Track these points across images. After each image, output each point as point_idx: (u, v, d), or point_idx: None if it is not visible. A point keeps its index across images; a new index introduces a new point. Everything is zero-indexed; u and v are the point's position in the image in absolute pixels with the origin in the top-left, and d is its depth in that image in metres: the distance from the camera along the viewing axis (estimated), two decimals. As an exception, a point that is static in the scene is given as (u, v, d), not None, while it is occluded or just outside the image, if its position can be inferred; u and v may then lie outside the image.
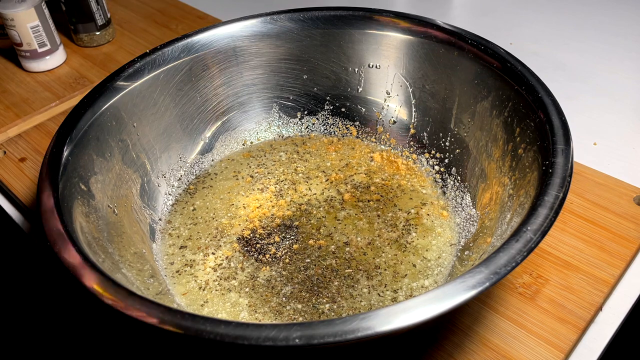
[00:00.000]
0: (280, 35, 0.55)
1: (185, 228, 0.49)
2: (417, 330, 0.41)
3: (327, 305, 0.42)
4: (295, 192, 0.52)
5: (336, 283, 0.43)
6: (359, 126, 0.58)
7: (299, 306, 0.42)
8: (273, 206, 0.51)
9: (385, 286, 0.43)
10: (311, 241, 0.47)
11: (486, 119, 0.47)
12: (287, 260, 0.45)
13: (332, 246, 0.46)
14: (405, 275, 0.43)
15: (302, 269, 0.45)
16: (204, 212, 0.51)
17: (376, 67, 0.55)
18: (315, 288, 0.43)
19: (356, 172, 0.54)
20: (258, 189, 0.53)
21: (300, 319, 0.41)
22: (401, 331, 0.28)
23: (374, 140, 0.57)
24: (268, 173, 0.54)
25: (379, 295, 0.42)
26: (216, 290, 0.44)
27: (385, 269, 0.44)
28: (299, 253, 0.46)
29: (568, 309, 0.42)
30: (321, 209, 0.50)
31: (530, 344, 0.40)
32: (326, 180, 0.53)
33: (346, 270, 0.44)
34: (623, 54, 0.72)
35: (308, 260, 0.45)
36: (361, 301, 0.42)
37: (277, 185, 0.53)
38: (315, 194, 0.52)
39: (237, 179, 0.54)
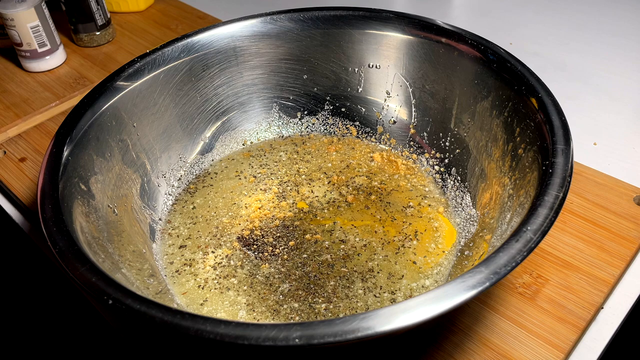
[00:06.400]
0: (280, 35, 0.55)
1: (185, 227, 0.49)
2: (417, 330, 0.41)
3: (323, 305, 0.42)
4: (297, 194, 0.52)
5: (332, 283, 0.43)
6: (359, 126, 0.58)
7: (296, 305, 0.42)
8: (275, 207, 0.51)
9: (380, 288, 0.43)
10: (308, 236, 0.47)
11: (486, 119, 0.47)
12: (285, 257, 0.46)
13: (327, 242, 0.46)
14: (402, 276, 0.43)
15: (299, 265, 0.45)
16: (205, 211, 0.51)
17: (376, 67, 0.55)
18: (312, 286, 0.43)
19: (357, 174, 0.54)
20: (261, 189, 0.53)
21: (297, 318, 0.41)
22: (401, 331, 0.28)
23: (374, 140, 0.57)
24: (271, 174, 0.54)
25: (375, 296, 0.42)
26: (215, 288, 0.44)
27: (378, 272, 0.44)
28: (296, 249, 0.46)
29: (568, 309, 0.42)
30: (324, 210, 0.50)
31: (530, 344, 0.40)
32: (328, 182, 0.53)
33: (342, 269, 0.44)
34: (623, 54, 0.72)
35: (305, 255, 0.46)
36: (357, 302, 0.42)
37: (280, 187, 0.53)
38: (317, 196, 0.52)
39: (240, 178, 0.54)
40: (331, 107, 0.58)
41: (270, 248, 0.47)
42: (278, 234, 0.48)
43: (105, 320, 0.44)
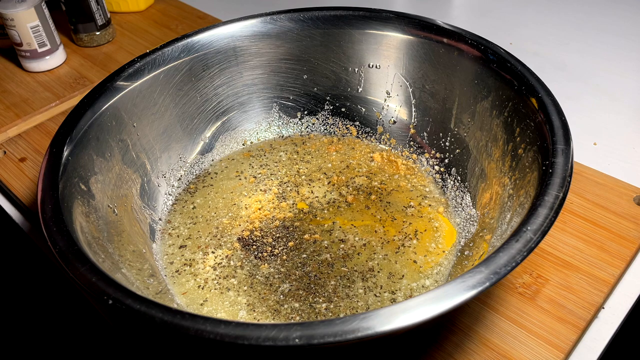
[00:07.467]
0: (280, 35, 0.55)
1: (185, 227, 0.49)
2: (417, 330, 0.41)
3: (323, 305, 0.42)
4: (297, 194, 0.52)
5: (332, 282, 0.43)
6: (359, 126, 0.58)
7: (296, 305, 0.42)
8: (275, 208, 0.51)
9: (380, 287, 0.43)
10: (307, 236, 0.47)
11: (486, 119, 0.47)
12: (284, 257, 0.46)
13: (326, 241, 0.46)
14: (403, 276, 0.43)
15: (299, 265, 0.45)
16: (205, 211, 0.51)
17: (376, 67, 0.55)
18: (313, 286, 0.43)
19: (357, 174, 0.54)
20: (261, 189, 0.53)
21: (298, 318, 0.41)
22: (401, 331, 0.28)
23: (374, 140, 0.57)
24: (271, 174, 0.54)
25: (375, 296, 0.42)
26: (215, 289, 0.44)
27: (378, 271, 0.44)
28: (295, 249, 0.46)
29: (568, 309, 0.42)
30: (324, 211, 0.50)
31: (530, 344, 0.40)
32: (328, 183, 0.53)
33: (342, 269, 0.44)
34: (623, 54, 0.72)
35: (304, 255, 0.46)
36: (358, 301, 0.42)
37: (280, 187, 0.53)
38: (317, 196, 0.51)
39: (240, 178, 0.54)
40: (331, 107, 0.58)
41: (270, 248, 0.47)
42: (278, 235, 0.48)
43: (105, 320, 0.44)
